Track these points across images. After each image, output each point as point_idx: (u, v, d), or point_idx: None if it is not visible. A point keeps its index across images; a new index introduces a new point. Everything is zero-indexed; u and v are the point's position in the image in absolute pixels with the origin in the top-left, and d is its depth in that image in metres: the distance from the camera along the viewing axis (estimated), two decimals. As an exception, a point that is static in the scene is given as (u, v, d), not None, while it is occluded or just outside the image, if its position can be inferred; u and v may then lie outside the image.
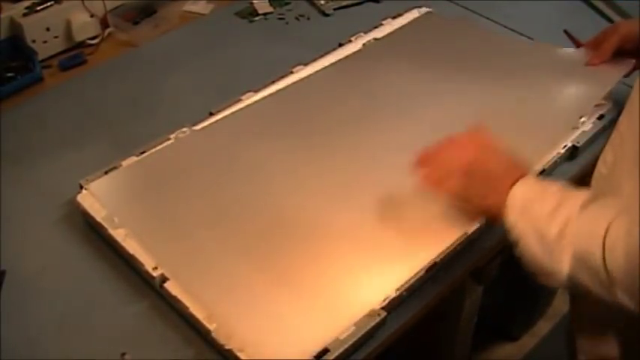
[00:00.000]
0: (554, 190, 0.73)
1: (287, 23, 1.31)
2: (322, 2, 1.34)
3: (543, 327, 1.62)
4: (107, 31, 1.26)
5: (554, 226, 0.69)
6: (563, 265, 0.69)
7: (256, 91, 1.08)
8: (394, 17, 1.27)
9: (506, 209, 0.74)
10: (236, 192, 0.92)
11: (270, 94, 1.08)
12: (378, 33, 1.23)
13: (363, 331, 0.75)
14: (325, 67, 1.14)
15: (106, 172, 0.94)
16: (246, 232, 0.87)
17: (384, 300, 0.78)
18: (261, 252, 0.84)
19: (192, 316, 0.77)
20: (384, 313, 0.77)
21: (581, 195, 0.71)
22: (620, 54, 1.08)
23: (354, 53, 1.17)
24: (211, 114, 1.04)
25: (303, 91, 1.09)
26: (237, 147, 0.99)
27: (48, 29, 1.19)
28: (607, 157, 0.82)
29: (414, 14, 1.28)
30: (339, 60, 1.16)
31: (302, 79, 1.11)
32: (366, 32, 1.22)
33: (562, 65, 1.12)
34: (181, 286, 0.79)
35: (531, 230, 0.72)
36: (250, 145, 0.99)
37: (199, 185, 0.93)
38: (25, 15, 1.17)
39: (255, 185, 0.93)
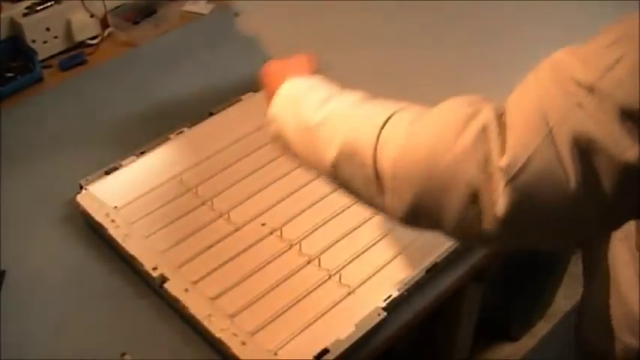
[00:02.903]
0: (331, 85, 0.68)
1: (287, 23, 1.31)
2: (322, 2, 1.34)
3: (543, 327, 1.61)
4: (107, 31, 1.26)
5: (319, 115, 0.64)
6: (327, 154, 0.62)
7: (255, 91, 1.08)
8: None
9: (274, 99, 0.70)
10: (235, 192, 0.92)
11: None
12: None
13: (363, 332, 0.75)
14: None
15: (107, 173, 0.94)
16: (247, 232, 0.87)
17: (385, 301, 0.78)
18: (261, 252, 0.84)
19: (191, 316, 0.77)
20: (384, 314, 0.77)
21: (359, 92, 0.66)
22: None
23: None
24: (211, 114, 1.04)
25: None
26: (237, 147, 0.99)
27: (48, 29, 1.19)
28: None
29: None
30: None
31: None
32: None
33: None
34: (181, 286, 0.79)
35: (294, 120, 0.67)
36: (249, 146, 0.99)
37: (199, 185, 0.93)
38: (25, 15, 1.17)
39: (254, 185, 0.93)
